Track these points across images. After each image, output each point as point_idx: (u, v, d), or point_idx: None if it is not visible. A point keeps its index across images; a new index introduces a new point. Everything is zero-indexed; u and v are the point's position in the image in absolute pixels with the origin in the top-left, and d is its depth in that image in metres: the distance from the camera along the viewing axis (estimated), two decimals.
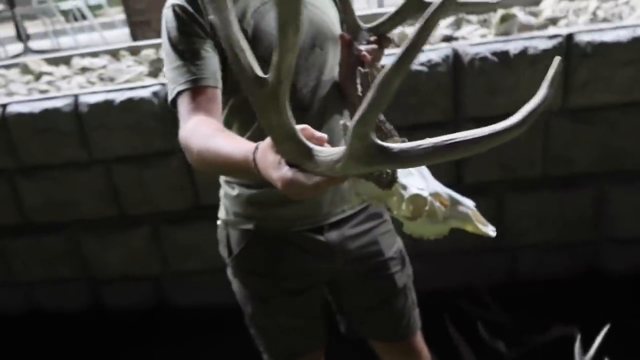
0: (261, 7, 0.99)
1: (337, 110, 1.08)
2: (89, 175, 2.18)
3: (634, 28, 1.87)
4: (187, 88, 0.93)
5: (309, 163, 0.67)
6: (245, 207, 1.08)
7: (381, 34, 1.02)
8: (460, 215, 0.92)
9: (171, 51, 0.95)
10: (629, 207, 2.07)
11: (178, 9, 0.95)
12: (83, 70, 2.66)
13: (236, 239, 1.12)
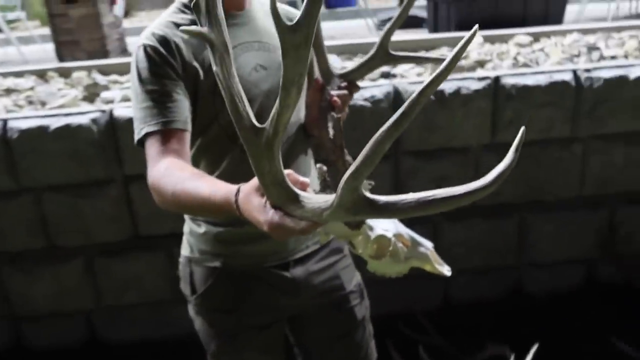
0: (232, 50, 1.01)
1: (302, 149, 1.12)
2: (17, 204, 2.04)
3: (550, 74, 2.09)
4: (157, 130, 0.93)
5: (295, 208, 0.70)
6: (213, 245, 1.08)
7: (351, 80, 1.08)
8: (420, 256, 0.99)
9: (141, 91, 0.95)
10: (548, 235, 2.28)
11: (150, 49, 0.95)
12: (8, 91, 2.50)
13: (201, 277, 1.11)
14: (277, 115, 0.66)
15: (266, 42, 1.06)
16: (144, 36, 0.98)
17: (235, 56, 1.01)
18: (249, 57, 1.03)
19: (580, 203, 2.27)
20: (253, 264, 1.09)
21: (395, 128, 0.58)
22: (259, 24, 1.07)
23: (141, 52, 0.96)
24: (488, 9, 3.45)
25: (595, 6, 5.70)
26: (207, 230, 1.08)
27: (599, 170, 2.22)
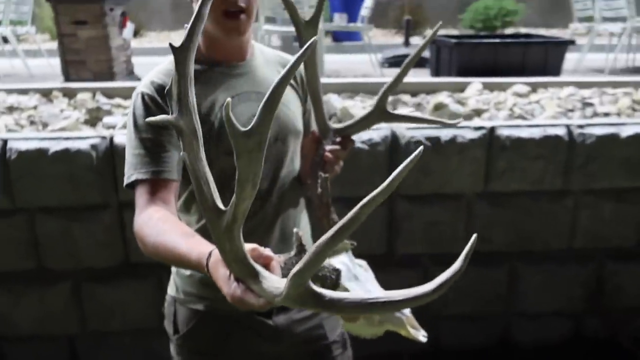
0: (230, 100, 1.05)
1: (295, 200, 1.14)
2: (9, 224, 2.04)
3: (544, 127, 2.14)
4: (146, 179, 0.97)
5: (254, 285, 0.73)
6: (198, 287, 1.10)
7: (346, 135, 1.11)
8: (395, 321, 1.01)
9: (135, 137, 0.98)
10: (537, 285, 2.29)
11: (147, 98, 0.99)
12: (11, 109, 2.53)
13: (184, 318, 1.12)
14: (235, 206, 0.70)
15: (263, 92, 1.09)
16: (143, 84, 1.01)
17: (233, 106, 1.04)
18: (246, 107, 1.06)
19: (569, 255, 2.29)
20: (236, 309, 1.09)
21: (335, 238, 0.63)
22: (258, 74, 1.11)
23: (139, 99, 0.99)
24: (488, 55, 3.53)
25: (594, 55, 5.84)
26: (193, 273, 1.09)
27: (589, 224, 2.25)
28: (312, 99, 1.11)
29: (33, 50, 6.18)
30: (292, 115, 1.13)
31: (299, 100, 1.18)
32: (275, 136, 1.09)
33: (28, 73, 5.27)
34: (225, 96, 1.05)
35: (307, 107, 1.22)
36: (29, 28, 5.87)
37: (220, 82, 1.05)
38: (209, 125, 1.02)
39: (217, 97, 1.04)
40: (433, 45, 3.96)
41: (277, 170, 1.10)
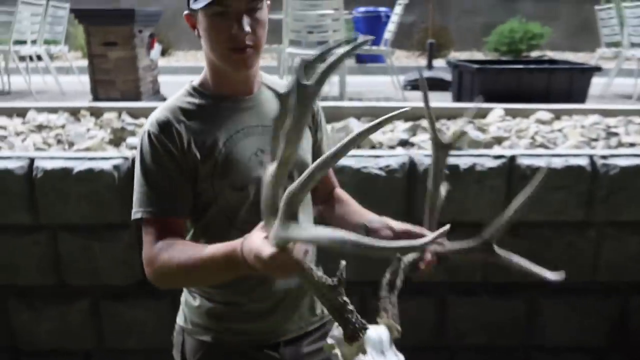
0: (234, 135, 1.06)
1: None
2: (32, 240, 2.09)
3: (566, 157, 2.10)
4: (154, 216, 1.00)
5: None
6: (205, 319, 1.11)
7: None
8: None
9: (141, 175, 1.01)
10: (558, 318, 2.23)
11: (153, 137, 1.01)
12: (40, 127, 2.61)
13: (191, 348, 1.13)
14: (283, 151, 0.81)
15: (269, 126, 1.10)
16: (149, 122, 1.04)
17: (237, 140, 1.06)
18: (251, 142, 1.07)
19: (592, 288, 2.22)
20: (243, 341, 1.10)
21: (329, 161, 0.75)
22: (265, 108, 1.11)
23: (145, 138, 1.02)
24: (512, 81, 3.51)
25: (622, 80, 5.74)
26: (202, 304, 1.10)
27: (612, 256, 2.19)
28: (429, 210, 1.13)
29: (65, 68, 6.40)
30: (302, 152, 1.14)
31: (308, 131, 1.19)
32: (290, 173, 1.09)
33: (59, 90, 5.45)
34: (230, 131, 1.06)
35: (318, 138, 1.23)
36: (62, 47, 6.09)
37: (226, 117, 1.07)
38: (214, 160, 1.03)
39: (222, 132, 1.05)
40: (455, 69, 3.96)
41: None
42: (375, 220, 1.13)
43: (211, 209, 1.06)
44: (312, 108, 1.21)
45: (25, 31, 5.36)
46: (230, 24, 1.00)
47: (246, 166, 1.04)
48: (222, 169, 1.03)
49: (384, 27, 5.73)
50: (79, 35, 8.23)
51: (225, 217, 1.06)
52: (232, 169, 1.04)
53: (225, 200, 1.05)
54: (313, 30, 4.49)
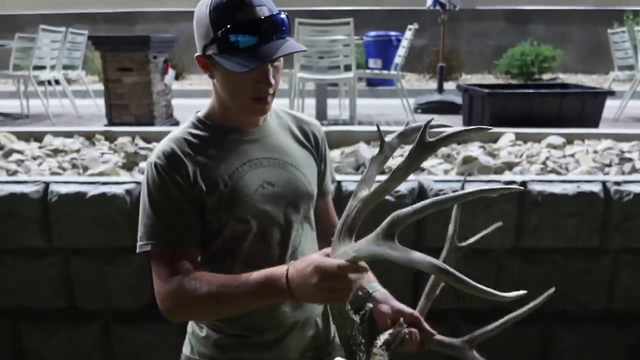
0: (239, 168, 1.07)
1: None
2: (45, 264, 2.12)
3: (578, 183, 2.09)
4: (165, 249, 1.01)
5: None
6: (212, 349, 1.11)
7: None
8: None
9: (148, 206, 1.02)
10: (574, 346, 2.18)
11: (160, 168, 1.01)
12: (55, 152, 2.67)
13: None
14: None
15: (277, 158, 1.11)
16: (155, 154, 1.04)
17: (243, 173, 1.06)
18: (257, 174, 1.07)
19: (608, 316, 2.18)
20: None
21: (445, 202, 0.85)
22: (272, 140, 1.12)
23: (151, 169, 1.02)
24: (522, 106, 3.51)
25: (636, 103, 5.71)
26: (208, 334, 1.10)
27: (628, 284, 2.14)
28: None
29: (82, 91, 6.55)
30: (305, 180, 1.14)
31: (313, 161, 1.19)
32: (287, 201, 1.10)
33: (76, 113, 5.58)
34: (236, 164, 1.06)
35: (322, 169, 1.23)
36: (80, 72, 6.24)
37: (232, 149, 1.07)
38: (220, 193, 1.03)
39: (228, 164, 1.06)
40: (466, 94, 3.97)
41: (289, 235, 1.11)
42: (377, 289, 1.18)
43: (217, 240, 1.06)
44: (324, 141, 1.23)
45: (45, 57, 5.51)
46: (255, 77, 0.99)
47: (252, 198, 1.05)
48: (228, 202, 1.03)
49: (395, 50, 5.79)
50: (96, 59, 8.45)
51: (229, 248, 1.06)
52: (238, 202, 1.04)
53: (230, 232, 1.06)
54: (324, 56, 4.55)
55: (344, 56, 4.57)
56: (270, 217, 1.07)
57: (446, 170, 2.34)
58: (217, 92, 1.07)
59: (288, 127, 1.18)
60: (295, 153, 1.14)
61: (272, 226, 1.08)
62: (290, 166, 1.12)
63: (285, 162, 1.11)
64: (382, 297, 1.15)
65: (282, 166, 1.11)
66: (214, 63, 1.01)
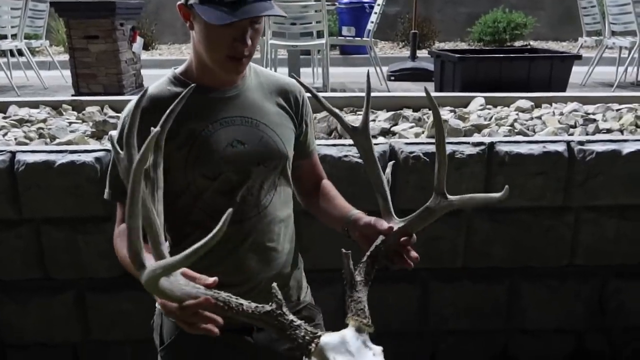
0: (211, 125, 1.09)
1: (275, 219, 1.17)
2: (16, 234, 2.09)
3: (544, 143, 2.14)
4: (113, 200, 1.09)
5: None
6: None
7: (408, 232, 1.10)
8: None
9: (114, 157, 1.03)
10: (538, 301, 2.28)
11: (128, 120, 1.01)
12: (21, 122, 2.59)
13: (168, 330, 1.15)
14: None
15: (250, 117, 1.12)
16: (127, 107, 1.05)
17: (214, 130, 1.07)
18: (227, 132, 1.09)
19: (571, 272, 2.28)
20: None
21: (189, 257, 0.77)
22: (247, 99, 1.13)
23: (121, 122, 1.04)
24: (493, 71, 3.55)
25: (604, 69, 5.83)
26: None
27: (590, 241, 2.24)
28: (380, 196, 1.10)
29: (47, 62, 6.33)
30: (279, 140, 1.15)
31: (291, 122, 1.20)
32: (257, 160, 1.11)
33: (42, 85, 5.40)
34: (208, 121, 1.08)
35: (303, 130, 1.24)
36: (43, 41, 6.01)
37: (205, 107, 1.08)
38: (188, 148, 1.05)
39: (200, 121, 1.07)
40: (437, 59, 3.99)
41: (258, 194, 1.13)
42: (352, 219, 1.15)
43: (184, 196, 1.08)
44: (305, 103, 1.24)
45: (6, 25, 5.29)
46: (232, 34, 1.00)
47: (219, 156, 1.06)
48: (196, 158, 1.04)
49: (368, 18, 5.74)
50: (60, 29, 8.14)
51: (191, 200, 1.09)
52: (206, 159, 1.05)
53: (196, 187, 1.07)
54: (296, 22, 4.49)
55: (316, 22, 4.52)
56: (237, 175, 1.08)
57: (417, 134, 2.37)
58: (195, 48, 1.08)
59: (267, 87, 1.19)
60: (271, 113, 1.15)
61: (239, 183, 1.09)
62: (263, 125, 1.13)
63: (258, 121, 1.12)
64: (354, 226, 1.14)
65: (254, 125, 1.12)
66: (194, 14, 1.01)
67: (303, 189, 1.32)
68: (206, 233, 1.10)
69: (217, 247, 1.11)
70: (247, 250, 1.14)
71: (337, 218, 1.18)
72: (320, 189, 1.31)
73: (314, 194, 1.31)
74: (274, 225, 1.18)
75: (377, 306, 2.47)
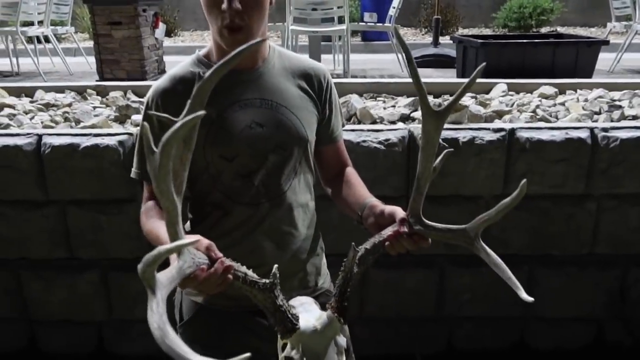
0: (230, 107, 1.10)
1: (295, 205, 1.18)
2: (42, 214, 2.15)
3: (566, 130, 2.11)
4: (139, 177, 1.11)
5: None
6: None
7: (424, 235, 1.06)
8: None
9: (138, 137, 1.06)
10: (557, 289, 2.26)
11: (149, 101, 1.08)
12: (47, 106, 2.66)
13: (187, 308, 1.18)
14: None
15: (270, 99, 1.12)
16: (152, 89, 1.08)
17: (232, 112, 1.09)
18: (246, 114, 1.09)
19: (591, 261, 2.25)
20: (231, 305, 1.14)
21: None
22: (267, 81, 1.13)
23: (145, 103, 1.07)
24: (516, 56, 3.48)
25: (632, 55, 5.66)
26: None
27: (612, 229, 2.20)
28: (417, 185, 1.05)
29: (73, 49, 6.44)
30: (299, 123, 1.15)
31: (313, 106, 1.20)
32: (275, 143, 1.12)
33: (67, 71, 5.50)
34: (227, 102, 1.09)
35: (326, 115, 1.24)
36: (69, 28, 6.11)
37: (225, 88, 1.09)
38: (207, 129, 1.06)
39: (219, 102, 1.08)
40: (460, 45, 3.93)
41: (277, 177, 1.13)
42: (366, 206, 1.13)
43: (203, 175, 1.10)
44: (330, 87, 1.24)
45: (32, 12, 5.38)
46: (222, 0, 1.01)
47: (237, 138, 1.07)
48: (214, 138, 1.06)
49: (390, 3, 5.67)
50: (85, 15, 8.26)
51: (210, 182, 1.11)
52: (223, 139, 1.07)
53: (215, 168, 1.10)
54: (317, 7, 4.47)
55: (337, 7, 4.49)
56: (255, 157, 1.10)
57: None
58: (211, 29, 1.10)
59: (290, 70, 1.18)
60: (293, 96, 1.15)
61: (257, 166, 1.11)
62: (283, 109, 1.13)
63: (279, 104, 1.13)
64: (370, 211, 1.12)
65: (274, 108, 1.12)
66: None
67: (326, 175, 1.32)
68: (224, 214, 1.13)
69: (233, 230, 1.14)
70: (264, 233, 1.16)
71: (354, 204, 1.18)
72: (344, 176, 1.31)
73: (336, 180, 1.30)
74: (292, 211, 1.18)
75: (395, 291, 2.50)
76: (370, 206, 1.12)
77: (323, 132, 1.24)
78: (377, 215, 1.08)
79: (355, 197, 1.20)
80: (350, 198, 1.21)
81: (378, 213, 1.08)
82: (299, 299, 0.99)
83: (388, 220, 1.06)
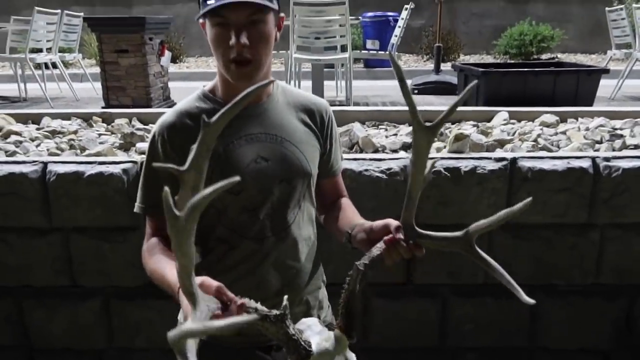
0: (235, 141, 1.11)
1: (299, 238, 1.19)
2: (46, 242, 2.16)
3: (568, 159, 2.12)
4: (143, 212, 1.11)
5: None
6: None
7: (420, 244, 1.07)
8: None
9: (143, 172, 1.07)
10: (562, 320, 2.24)
11: (156, 137, 1.09)
12: (53, 133, 2.69)
13: None
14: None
15: (275, 134, 1.14)
16: (158, 123, 1.09)
17: (238, 147, 1.10)
18: (252, 149, 1.11)
19: (596, 291, 2.23)
20: (237, 342, 1.14)
21: None
22: (273, 116, 1.15)
23: (151, 137, 1.08)
24: (517, 85, 3.52)
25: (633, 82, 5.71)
26: None
27: (616, 259, 2.19)
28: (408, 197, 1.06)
29: (79, 75, 6.55)
30: (303, 158, 1.16)
31: (316, 141, 1.22)
32: (280, 177, 1.13)
33: (74, 97, 5.58)
34: (232, 137, 1.10)
35: (327, 149, 1.25)
36: (76, 55, 6.22)
37: (231, 123, 1.10)
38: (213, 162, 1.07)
39: (225, 137, 1.09)
40: (461, 73, 3.98)
41: (282, 211, 1.14)
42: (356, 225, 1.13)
43: (209, 209, 1.11)
44: (331, 122, 1.26)
45: (41, 39, 5.49)
46: (229, 35, 1.03)
47: (243, 173, 1.09)
48: (220, 173, 1.07)
49: (393, 32, 5.77)
50: (92, 42, 8.41)
51: (216, 216, 1.11)
52: (229, 174, 1.08)
53: (222, 203, 1.10)
54: (320, 36, 4.55)
55: (340, 36, 4.57)
56: (260, 191, 1.11)
57: (439, 148, 2.38)
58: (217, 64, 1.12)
59: (293, 105, 1.20)
60: (296, 131, 1.17)
61: (262, 200, 1.12)
62: (288, 143, 1.15)
63: (283, 138, 1.14)
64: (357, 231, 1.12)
65: (279, 143, 1.14)
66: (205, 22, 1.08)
67: (321, 205, 1.34)
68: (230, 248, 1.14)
69: (239, 264, 1.14)
70: (269, 268, 1.16)
71: (344, 225, 1.19)
72: (338, 203, 1.33)
73: (331, 207, 1.33)
74: (297, 244, 1.19)
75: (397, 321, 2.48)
76: (360, 224, 1.13)
77: (323, 166, 1.26)
78: (368, 231, 1.08)
79: (347, 220, 1.22)
80: (341, 221, 1.23)
81: (368, 228, 1.09)
82: (304, 322, 1.00)
83: (380, 233, 1.06)
